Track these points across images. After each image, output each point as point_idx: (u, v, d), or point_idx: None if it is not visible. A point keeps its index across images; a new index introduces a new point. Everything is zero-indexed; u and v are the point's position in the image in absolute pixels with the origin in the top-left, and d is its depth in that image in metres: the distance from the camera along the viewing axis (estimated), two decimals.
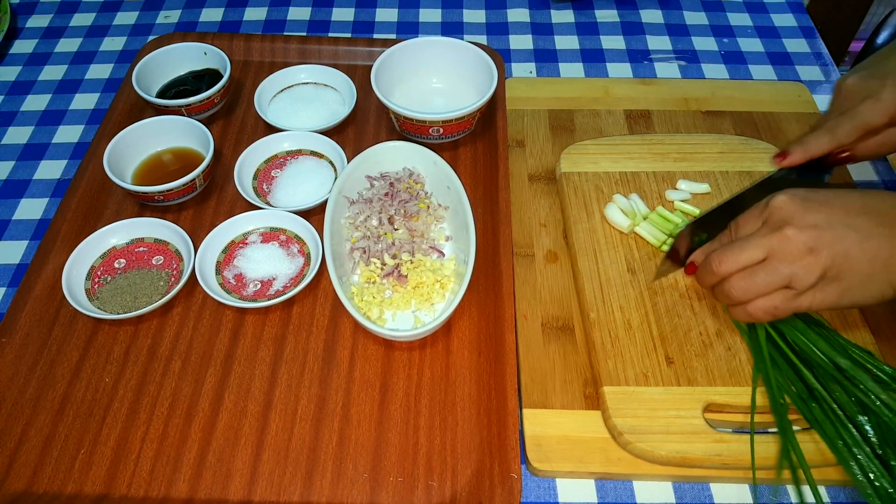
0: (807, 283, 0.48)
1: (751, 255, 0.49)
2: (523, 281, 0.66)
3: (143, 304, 0.63)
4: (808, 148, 0.58)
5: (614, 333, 0.60)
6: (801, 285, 0.48)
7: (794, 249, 0.48)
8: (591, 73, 0.89)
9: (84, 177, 0.73)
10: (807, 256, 0.47)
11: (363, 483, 0.54)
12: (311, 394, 0.59)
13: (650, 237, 0.66)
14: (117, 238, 0.68)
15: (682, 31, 0.95)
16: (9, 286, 0.69)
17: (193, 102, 0.76)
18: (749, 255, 0.49)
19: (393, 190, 0.69)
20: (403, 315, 0.64)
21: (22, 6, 0.99)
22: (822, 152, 0.58)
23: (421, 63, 0.79)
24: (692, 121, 0.79)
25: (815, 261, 0.47)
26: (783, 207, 0.49)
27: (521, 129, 0.79)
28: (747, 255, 0.49)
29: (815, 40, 0.94)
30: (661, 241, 0.66)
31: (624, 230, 0.67)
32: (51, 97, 0.87)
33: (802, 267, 0.48)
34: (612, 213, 0.67)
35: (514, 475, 0.53)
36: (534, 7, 0.98)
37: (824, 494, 0.55)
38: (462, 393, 0.59)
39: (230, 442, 0.56)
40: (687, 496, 0.55)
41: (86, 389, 0.59)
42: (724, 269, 0.50)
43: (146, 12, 0.98)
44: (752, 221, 0.52)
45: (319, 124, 0.77)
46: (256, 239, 0.69)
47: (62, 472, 0.55)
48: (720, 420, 0.57)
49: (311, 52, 0.86)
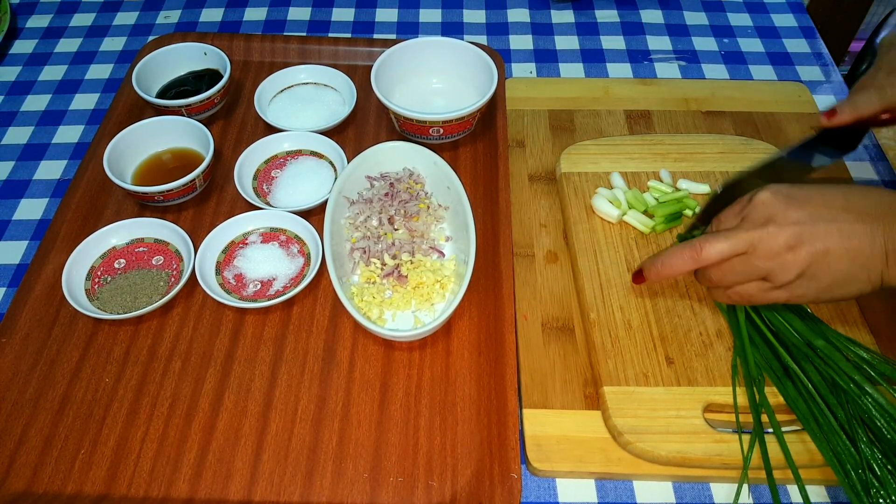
0: (784, 279, 0.48)
1: (732, 247, 0.49)
2: (523, 281, 0.66)
3: (143, 304, 0.63)
4: (857, 106, 0.57)
5: (614, 333, 0.60)
6: (778, 280, 0.49)
7: (773, 246, 0.48)
8: (591, 74, 0.89)
9: (84, 177, 0.73)
10: (786, 254, 0.47)
11: (363, 483, 0.54)
12: (311, 394, 0.59)
13: (638, 224, 0.67)
14: (117, 238, 0.68)
15: (683, 32, 0.95)
16: (9, 286, 0.69)
17: (193, 102, 0.76)
18: (731, 247, 0.49)
19: (393, 190, 0.69)
20: (403, 315, 0.64)
21: (22, 6, 0.99)
22: (872, 112, 0.56)
23: (421, 63, 0.79)
24: (692, 121, 0.79)
25: (793, 258, 0.47)
26: (767, 203, 0.49)
27: (521, 129, 0.79)
28: (729, 246, 0.49)
29: (815, 40, 0.94)
30: (649, 227, 0.66)
31: (613, 220, 0.67)
32: (51, 97, 0.87)
33: (780, 264, 0.48)
34: (600, 203, 0.67)
35: (514, 475, 0.53)
36: (534, 7, 0.98)
37: (824, 495, 0.55)
38: (462, 393, 0.59)
39: (230, 442, 0.56)
40: (687, 496, 0.55)
41: (86, 389, 0.59)
42: (703, 256, 0.50)
43: (146, 12, 0.98)
44: (734, 217, 0.52)
45: (319, 124, 0.77)
46: (256, 239, 0.69)
47: (62, 472, 0.55)
48: (720, 420, 0.57)
49: (311, 52, 0.86)
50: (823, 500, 0.55)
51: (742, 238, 0.49)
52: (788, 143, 0.76)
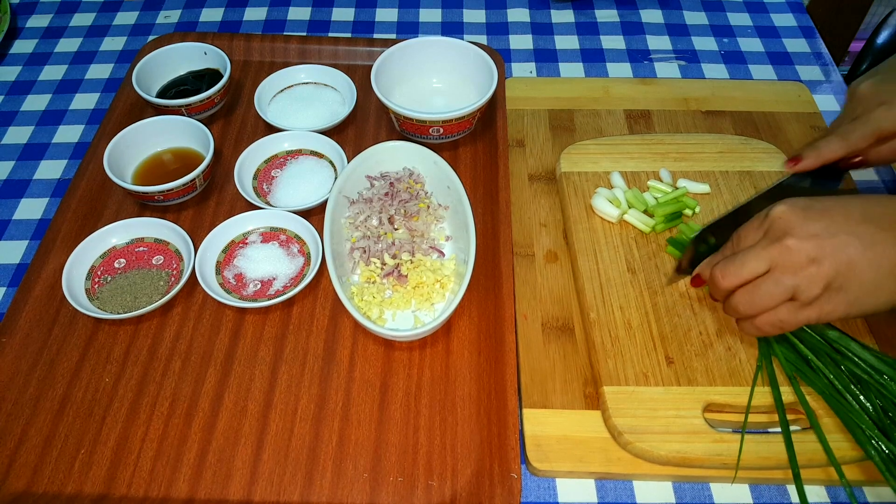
0: (811, 294, 0.47)
1: (753, 268, 0.48)
2: (523, 281, 0.66)
3: (143, 304, 0.63)
4: (820, 153, 0.58)
5: (614, 333, 0.60)
6: (805, 297, 0.47)
7: (796, 260, 0.47)
8: (591, 73, 0.89)
9: (84, 177, 0.73)
10: (809, 267, 0.46)
11: (363, 483, 0.54)
12: (311, 394, 0.59)
13: (639, 223, 0.67)
14: (117, 238, 0.68)
15: (682, 31, 0.95)
16: (9, 286, 0.69)
17: (193, 102, 0.76)
18: (751, 269, 0.48)
19: (393, 190, 0.69)
20: (403, 315, 0.64)
21: (22, 6, 0.99)
22: (835, 157, 0.57)
23: (421, 63, 0.79)
24: (692, 121, 0.79)
25: (818, 271, 0.46)
26: (783, 217, 0.48)
27: (521, 129, 0.79)
28: (749, 269, 0.48)
29: (815, 40, 0.94)
30: (650, 226, 0.67)
31: (613, 220, 0.67)
32: (51, 97, 0.87)
33: (806, 278, 0.46)
34: (600, 203, 0.68)
35: (514, 475, 0.53)
36: (534, 7, 0.98)
37: (824, 495, 0.55)
38: (462, 393, 0.59)
39: (230, 442, 0.56)
40: (687, 496, 0.55)
41: (86, 389, 0.59)
42: (726, 283, 0.49)
43: (146, 12, 0.98)
44: (753, 233, 0.50)
45: (319, 124, 0.77)
46: (256, 239, 0.69)
47: (62, 472, 0.55)
48: (720, 420, 0.57)
49: (311, 52, 0.86)
50: (823, 500, 0.55)
51: (761, 256, 0.48)
52: (788, 143, 0.77)
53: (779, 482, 0.55)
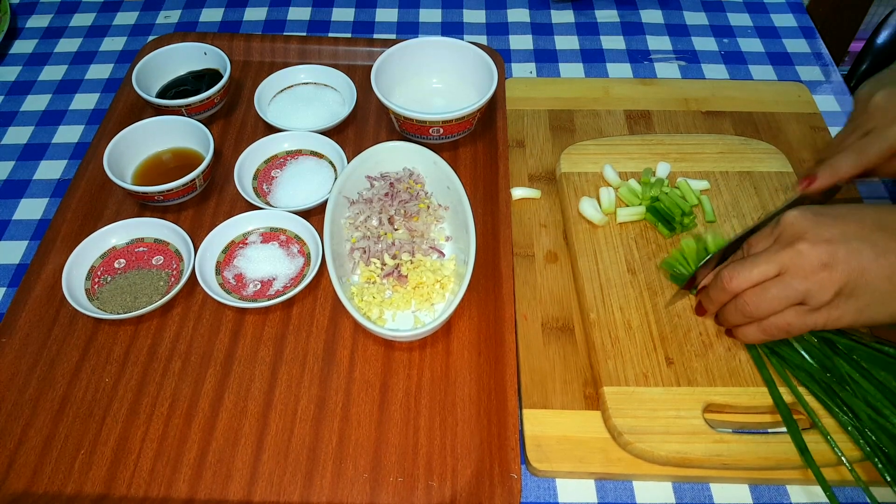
0: (822, 299, 0.47)
1: (763, 271, 0.48)
2: (523, 281, 0.66)
3: (143, 304, 0.63)
4: (836, 171, 0.55)
5: (614, 334, 0.60)
6: (815, 302, 0.47)
7: (807, 264, 0.46)
8: (591, 74, 0.89)
9: (84, 177, 0.73)
10: (821, 272, 0.46)
11: (363, 483, 0.54)
12: (311, 394, 0.59)
13: (632, 218, 0.67)
14: (117, 238, 0.68)
15: (682, 32, 0.95)
16: (9, 286, 0.69)
17: (193, 102, 0.76)
18: (761, 271, 0.48)
19: (393, 190, 0.69)
20: (403, 315, 0.64)
21: (22, 6, 0.99)
22: (851, 175, 0.55)
23: (421, 63, 0.79)
24: (692, 121, 0.79)
25: (829, 276, 0.46)
26: (795, 223, 0.48)
27: (521, 129, 0.79)
28: (760, 270, 0.48)
29: (815, 40, 0.94)
30: (641, 214, 0.67)
31: (597, 223, 0.67)
32: (51, 97, 0.87)
33: (817, 282, 0.46)
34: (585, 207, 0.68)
35: (514, 475, 0.53)
36: (534, 7, 0.98)
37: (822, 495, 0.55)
38: (462, 393, 0.59)
39: (230, 442, 0.56)
40: (687, 496, 0.55)
41: (86, 390, 0.59)
42: (734, 284, 0.49)
43: (146, 12, 0.98)
44: (764, 240, 0.50)
45: (319, 124, 0.77)
46: (256, 239, 0.69)
47: (62, 473, 0.55)
48: (720, 420, 0.57)
49: (311, 52, 0.86)
50: (823, 499, 0.55)
51: (773, 259, 0.48)
52: (788, 143, 0.77)
53: (779, 482, 0.55)
